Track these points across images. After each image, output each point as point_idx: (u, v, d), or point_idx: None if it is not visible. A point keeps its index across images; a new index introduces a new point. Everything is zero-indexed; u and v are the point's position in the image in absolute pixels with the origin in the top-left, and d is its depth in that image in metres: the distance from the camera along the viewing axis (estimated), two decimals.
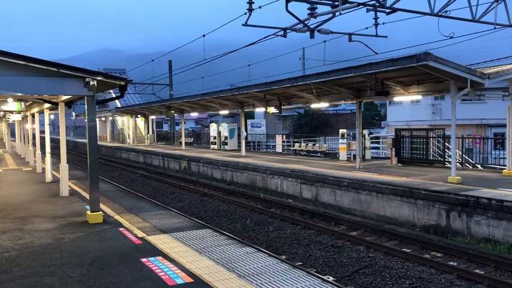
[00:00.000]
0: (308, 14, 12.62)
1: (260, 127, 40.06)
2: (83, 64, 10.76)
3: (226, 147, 30.92)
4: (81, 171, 23.03)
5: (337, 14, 12.24)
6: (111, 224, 9.48)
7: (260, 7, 13.04)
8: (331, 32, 13.55)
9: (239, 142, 28.52)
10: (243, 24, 13.12)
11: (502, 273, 8.89)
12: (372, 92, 15.77)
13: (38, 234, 8.72)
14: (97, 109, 10.64)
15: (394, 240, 11.34)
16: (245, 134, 26.34)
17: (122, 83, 9.61)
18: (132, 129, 44.07)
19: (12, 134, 42.57)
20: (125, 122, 47.44)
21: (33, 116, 20.33)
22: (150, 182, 23.72)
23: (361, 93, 16.98)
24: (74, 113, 56.45)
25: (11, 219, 10.11)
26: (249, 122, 39.82)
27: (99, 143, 30.58)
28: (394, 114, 32.98)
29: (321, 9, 12.63)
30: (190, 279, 6.11)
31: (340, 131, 21.64)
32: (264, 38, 14.77)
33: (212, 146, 32.80)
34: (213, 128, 33.25)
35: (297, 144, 26.20)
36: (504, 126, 15.50)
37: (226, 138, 31.16)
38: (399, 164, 18.33)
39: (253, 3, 12.76)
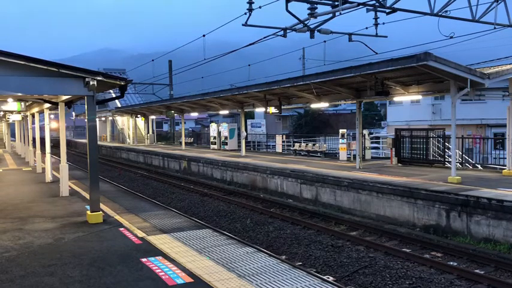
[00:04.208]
0: (308, 14, 12.61)
1: (260, 127, 40.06)
2: (83, 64, 10.77)
3: (226, 147, 30.93)
4: (81, 171, 23.02)
5: (337, 14, 12.23)
6: (111, 224, 9.48)
7: (260, 7, 13.03)
8: (331, 32, 13.54)
9: (239, 142, 28.52)
10: (243, 24, 13.11)
11: (502, 273, 8.89)
12: (372, 92, 15.77)
13: (38, 234, 8.72)
14: (97, 109, 10.64)
15: (394, 240, 11.34)
16: (245, 134, 26.34)
17: (122, 83, 9.61)
18: (132, 129, 44.06)
19: (12, 134, 42.55)
20: (124, 122, 47.44)
21: (33, 116, 20.32)
22: (150, 182, 23.72)
23: (361, 93, 16.98)
24: (74, 113, 56.45)
25: (11, 219, 10.11)
26: (249, 122, 39.81)
27: (99, 143, 30.57)
28: (394, 114, 32.97)
29: (321, 9, 12.64)
30: (190, 279, 6.11)
31: (340, 131, 21.64)
32: (264, 38, 14.76)
33: (212, 146, 32.81)
34: (213, 128, 33.25)
35: (297, 144, 26.20)
36: (504, 126, 15.50)
37: (226, 138, 31.17)
38: (399, 164, 18.33)
39: (253, 3, 12.75)
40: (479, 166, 17.98)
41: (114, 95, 24.92)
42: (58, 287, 5.94)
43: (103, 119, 52.07)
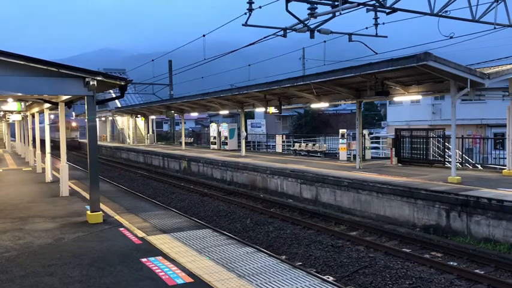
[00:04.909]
0: (308, 14, 12.61)
1: (260, 127, 40.06)
2: (82, 64, 10.76)
3: (226, 147, 30.93)
4: (81, 171, 23.01)
5: (337, 14, 12.23)
6: (111, 224, 9.48)
7: (260, 7, 13.03)
8: (331, 32, 13.54)
9: (239, 142, 28.52)
10: (243, 24, 13.11)
11: (502, 273, 8.89)
12: (372, 92, 15.77)
13: (38, 234, 8.72)
14: (97, 109, 10.64)
15: (394, 240, 11.34)
16: (245, 134, 26.34)
17: (122, 83, 9.61)
18: (132, 129, 44.06)
19: (12, 134, 42.54)
20: (124, 122, 47.42)
21: (33, 116, 20.32)
22: (150, 182, 23.72)
23: (361, 93, 16.98)
24: (74, 113, 56.43)
25: (11, 219, 10.11)
26: (249, 122, 39.81)
27: (99, 143, 30.57)
28: (394, 114, 32.97)
29: (321, 9, 12.64)
30: (190, 279, 6.11)
31: (340, 131, 21.64)
32: (264, 38, 14.76)
33: (212, 146, 32.81)
34: (213, 128, 33.25)
35: (297, 144, 26.20)
36: (504, 126, 15.50)
37: (226, 138, 31.17)
38: (399, 164, 18.32)
39: (253, 3, 12.75)
40: (479, 166, 17.98)
41: (114, 95, 24.92)
42: (58, 287, 5.94)
43: (103, 119, 52.06)
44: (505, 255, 9.49)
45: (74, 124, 51.79)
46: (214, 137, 32.55)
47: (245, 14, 12.82)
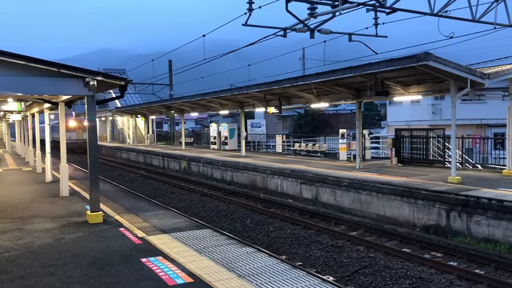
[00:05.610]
0: (308, 14, 12.61)
1: (260, 127, 40.07)
2: (82, 64, 10.75)
3: (226, 147, 30.93)
4: (81, 171, 23.01)
5: (337, 14, 12.23)
6: (111, 224, 9.48)
7: (260, 7, 13.03)
8: (331, 32, 13.54)
9: (239, 142, 28.52)
10: (243, 24, 13.11)
11: (502, 273, 8.89)
12: (372, 92, 15.77)
13: (38, 234, 8.72)
14: (97, 109, 10.64)
15: (394, 240, 11.34)
16: (245, 134, 26.34)
17: (122, 83, 9.61)
18: (132, 129, 44.06)
19: (12, 134, 42.54)
20: (124, 122, 47.41)
21: (33, 116, 20.32)
22: (150, 182, 23.72)
23: (361, 93, 16.98)
24: (74, 113, 56.39)
25: (11, 219, 10.11)
26: (249, 122, 39.82)
27: (99, 143, 30.56)
28: (394, 114, 32.97)
29: (321, 9, 12.64)
30: (190, 279, 6.11)
31: (340, 131, 21.64)
32: (264, 38, 14.76)
33: (212, 146, 32.82)
34: (213, 128, 33.26)
35: (297, 144, 26.19)
36: (504, 126, 15.50)
37: (226, 138, 31.17)
38: (399, 164, 18.33)
39: (253, 3, 12.75)
40: (479, 166, 17.98)
41: (114, 95, 24.92)
42: (58, 287, 5.94)
43: (103, 119, 52.05)
44: (505, 255, 9.49)
45: (85, 123, 49.65)
46: (214, 137, 32.55)
47: (245, 14, 12.83)
